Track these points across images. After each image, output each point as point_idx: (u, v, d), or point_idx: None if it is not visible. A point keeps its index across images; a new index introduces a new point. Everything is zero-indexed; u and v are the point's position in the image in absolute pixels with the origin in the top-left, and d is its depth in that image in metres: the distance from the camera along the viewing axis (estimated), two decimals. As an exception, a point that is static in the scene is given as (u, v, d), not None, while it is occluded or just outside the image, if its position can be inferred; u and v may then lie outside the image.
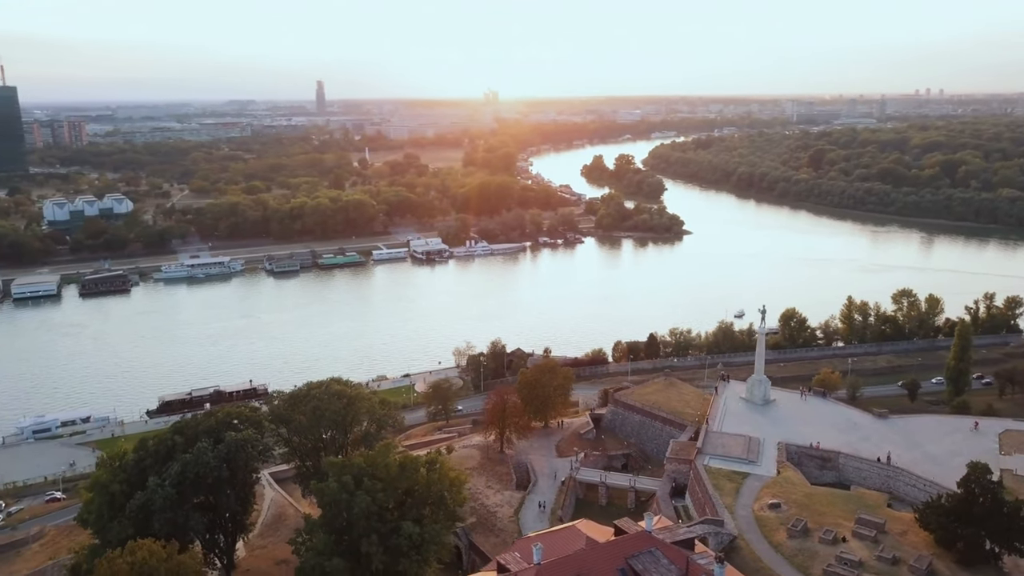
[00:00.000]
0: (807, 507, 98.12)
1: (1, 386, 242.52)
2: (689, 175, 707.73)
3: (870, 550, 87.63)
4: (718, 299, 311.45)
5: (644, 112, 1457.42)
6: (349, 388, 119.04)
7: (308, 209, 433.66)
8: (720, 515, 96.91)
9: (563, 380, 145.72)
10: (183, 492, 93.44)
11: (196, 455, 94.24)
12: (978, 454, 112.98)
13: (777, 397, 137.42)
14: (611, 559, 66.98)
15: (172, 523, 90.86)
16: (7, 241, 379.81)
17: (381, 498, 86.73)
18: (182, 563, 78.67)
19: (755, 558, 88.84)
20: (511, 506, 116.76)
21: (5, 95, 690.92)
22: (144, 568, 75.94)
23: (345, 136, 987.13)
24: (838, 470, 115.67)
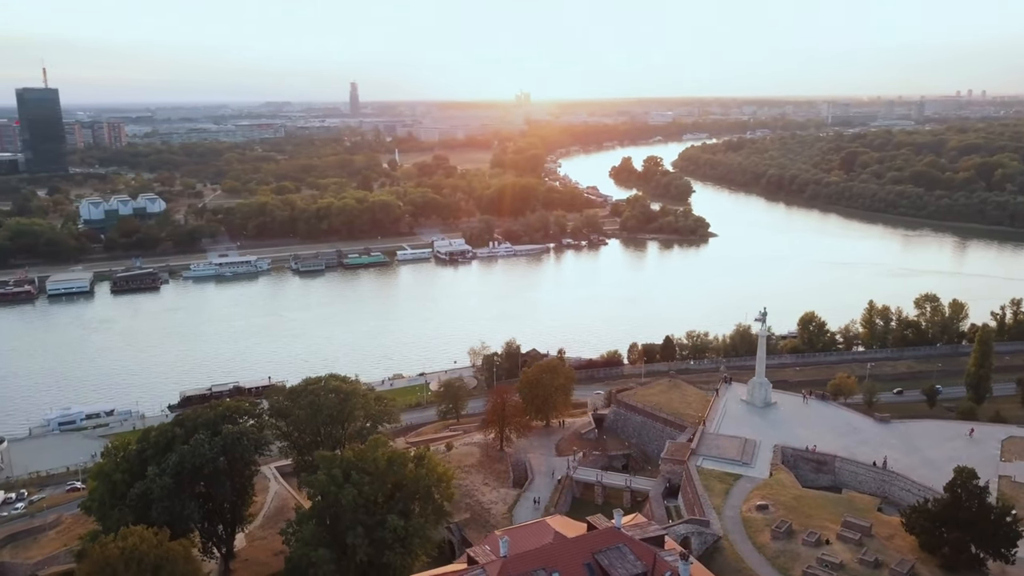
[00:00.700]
0: (795, 509, 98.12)
1: (32, 379, 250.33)
2: (718, 177, 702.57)
3: (853, 553, 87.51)
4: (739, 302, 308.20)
5: (676, 114, 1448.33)
6: (346, 384, 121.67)
7: (335, 209, 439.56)
8: (707, 515, 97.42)
9: (565, 380, 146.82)
10: (181, 482, 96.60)
11: (194, 446, 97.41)
12: (978, 460, 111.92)
13: (778, 400, 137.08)
14: (578, 554, 68.22)
15: (169, 512, 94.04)
16: (44, 239, 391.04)
17: (368, 491, 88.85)
18: (171, 549, 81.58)
19: (737, 558, 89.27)
20: (506, 503, 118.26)
21: (47, 97, 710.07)
22: (134, 553, 79.00)
23: (376, 137, 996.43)
24: (834, 474, 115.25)
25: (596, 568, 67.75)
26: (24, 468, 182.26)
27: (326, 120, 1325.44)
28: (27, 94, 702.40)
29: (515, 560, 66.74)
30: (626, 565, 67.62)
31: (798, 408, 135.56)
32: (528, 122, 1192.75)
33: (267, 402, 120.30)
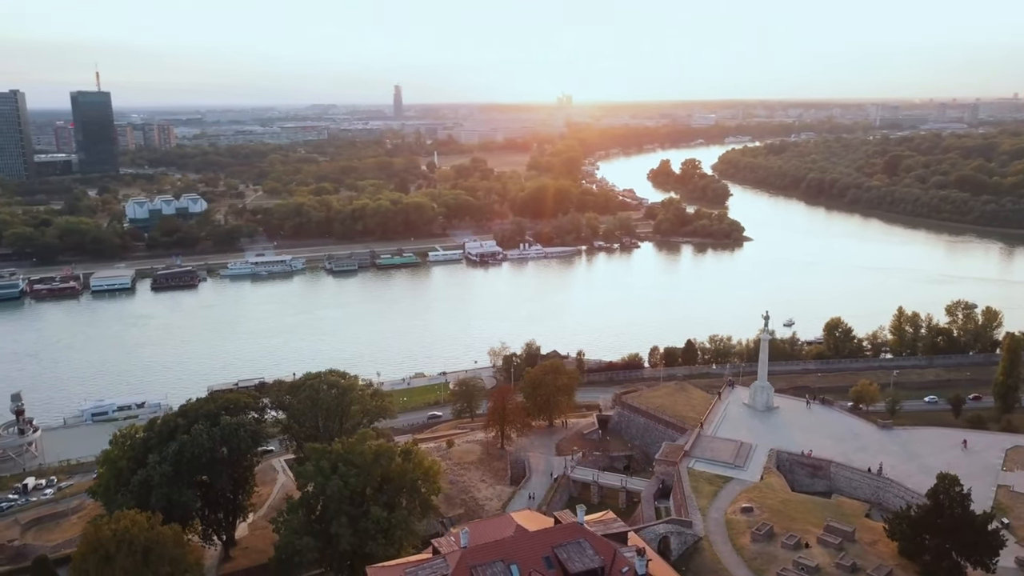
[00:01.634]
0: (780, 513, 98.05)
1: (72, 371, 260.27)
2: (758, 181, 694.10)
3: (831, 557, 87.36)
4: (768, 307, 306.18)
5: (719, 116, 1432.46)
6: (343, 380, 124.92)
7: (369, 211, 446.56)
8: (690, 516, 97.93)
9: (568, 380, 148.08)
10: (179, 470, 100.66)
11: (192, 436, 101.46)
12: (979, 468, 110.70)
13: (781, 404, 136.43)
14: (538, 547, 69.89)
15: (167, 498, 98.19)
16: (90, 237, 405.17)
17: (354, 483, 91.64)
18: (161, 533, 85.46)
19: (715, 559, 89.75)
20: (500, 500, 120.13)
21: (100, 100, 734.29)
22: (126, 536, 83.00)
23: (417, 140, 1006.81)
24: (829, 479, 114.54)
25: (554, 561, 69.34)
26: (56, 456, 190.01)
27: (369, 122, 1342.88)
28: (81, 97, 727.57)
29: (475, 551, 68.69)
30: (584, 559, 69.05)
31: (800, 413, 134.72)
32: (568, 125, 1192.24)
33: (269, 395, 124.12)
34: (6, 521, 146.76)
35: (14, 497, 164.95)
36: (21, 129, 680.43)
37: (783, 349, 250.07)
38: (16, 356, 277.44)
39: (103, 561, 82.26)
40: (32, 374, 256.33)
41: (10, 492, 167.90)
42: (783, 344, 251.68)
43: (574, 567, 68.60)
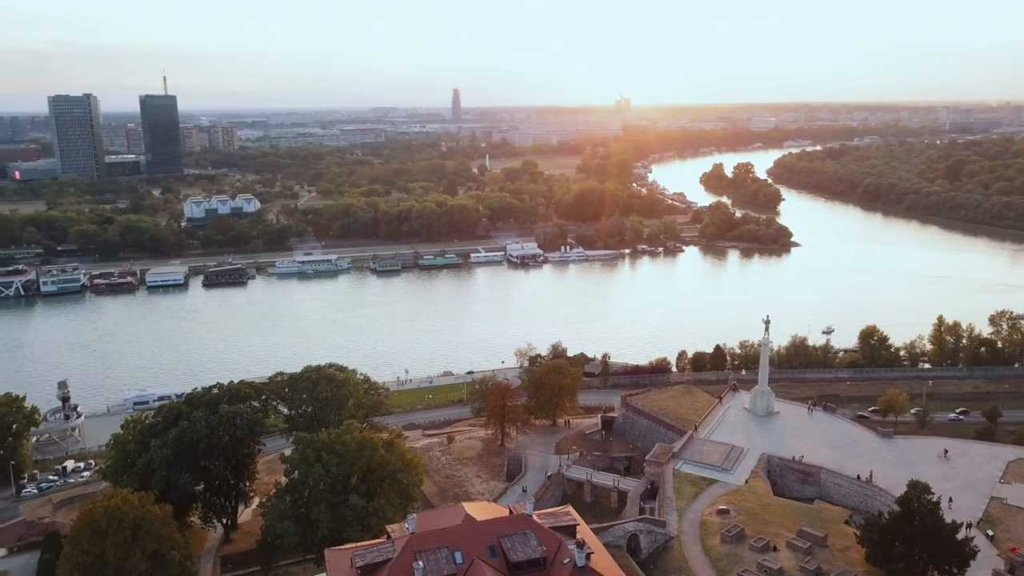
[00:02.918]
0: (757, 516, 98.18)
1: (119, 362, 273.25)
2: (813, 186, 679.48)
3: (797, 560, 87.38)
4: (808, 313, 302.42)
5: (780, 120, 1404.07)
6: (341, 373, 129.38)
7: (415, 212, 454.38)
8: (665, 516, 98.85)
9: (571, 381, 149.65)
10: (179, 454, 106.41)
11: (192, 423, 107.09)
12: (976, 479, 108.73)
13: (782, 410, 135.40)
14: (484, 536, 72.40)
15: (166, 480, 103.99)
16: (148, 235, 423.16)
17: (335, 472, 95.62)
18: (150, 512, 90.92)
19: (682, 558, 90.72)
20: (492, 495, 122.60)
21: (166, 103, 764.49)
22: (116, 513, 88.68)
23: (471, 143, 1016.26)
24: (819, 485, 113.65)
25: (499, 550, 71.69)
26: (97, 441, 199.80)
27: (427, 125, 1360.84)
28: (149, 101, 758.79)
29: (422, 537, 71.62)
30: (527, 549, 71.25)
31: (800, 419, 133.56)
32: (625, 127, 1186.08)
33: (271, 387, 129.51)
34: (41, 500, 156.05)
35: (54, 478, 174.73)
36: (93, 131, 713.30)
37: (816, 357, 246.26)
38: (71, 346, 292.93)
39: (96, 536, 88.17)
40: (84, 363, 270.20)
41: (50, 474, 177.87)
42: (816, 351, 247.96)
43: (515, 556, 70.79)
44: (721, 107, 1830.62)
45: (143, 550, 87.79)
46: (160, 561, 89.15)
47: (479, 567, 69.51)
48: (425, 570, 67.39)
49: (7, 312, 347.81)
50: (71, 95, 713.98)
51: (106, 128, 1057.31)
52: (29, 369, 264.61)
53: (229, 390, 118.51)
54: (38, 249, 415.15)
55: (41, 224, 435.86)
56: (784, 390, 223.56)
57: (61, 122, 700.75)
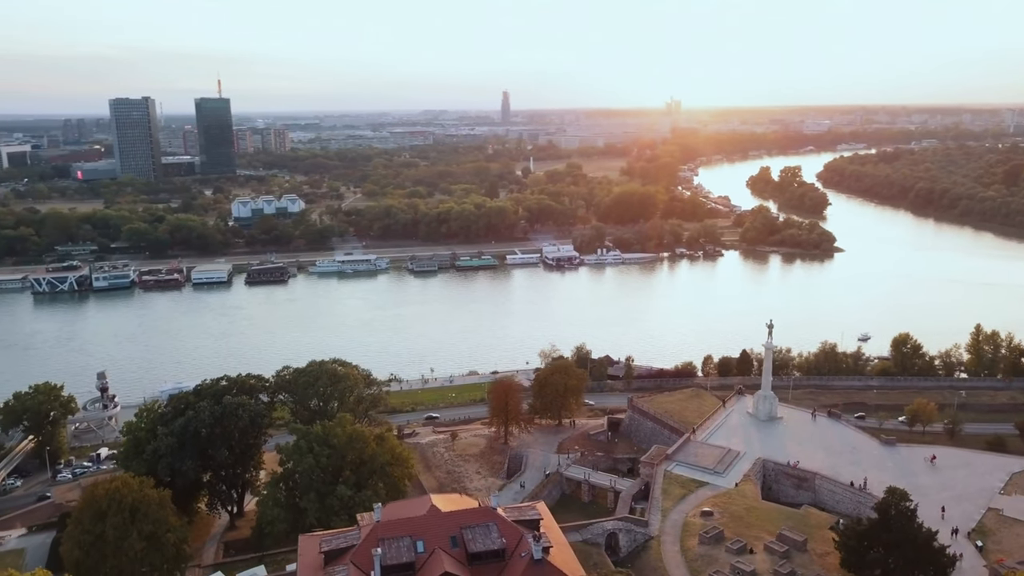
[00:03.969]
0: (740, 519, 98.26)
1: (161, 355, 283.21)
2: (863, 190, 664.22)
3: (772, 564, 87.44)
4: (845, 320, 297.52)
5: (835, 123, 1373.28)
6: (342, 368, 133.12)
7: (453, 214, 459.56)
8: (649, 516, 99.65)
9: (576, 381, 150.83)
10: (184, 442, 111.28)
11: (197, 412, 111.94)
12: (975, 490, 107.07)
13: (786, 415, 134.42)
14: (447, 526, 74.66)
15: (171, 467, 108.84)
16: (195, 234, 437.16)
17: (325, 463, 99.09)
18: (147, 496, 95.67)
19: (658, 558, 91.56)
20: (489, 491, 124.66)
21: (220, 106, 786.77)
22: (116, 496, 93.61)
23: (517, 146, 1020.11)
24: (814, 491, 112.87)
25: (460, 540, 73.83)
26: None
27: (475, 128, 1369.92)
28: (203, 103, 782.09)
29: (386, 525, 74.24)
30: (487, 541, 73.23)
31: (803, 424, 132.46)
32: (673, 130, 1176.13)
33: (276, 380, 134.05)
34: (71, 484, 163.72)
35: (88, 465, 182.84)
36: (151, 133, 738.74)
37: (846, 364, 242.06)
38: (117, 339, 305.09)
39: (97, 516, 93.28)
40: (127, 356, 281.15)
41: (85, 460, 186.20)
42: (846, 359, 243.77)
43: (475, 547, 72.78)
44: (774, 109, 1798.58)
45: (140, 531, 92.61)
46: (156, 543, 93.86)
47: (439, 556, 71.77)
48: (384, 557, 69.97)
49: (61, 306, 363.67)
50: (130, 98, 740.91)
51: (166, 130, 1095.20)
52: (76, 360, 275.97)
53: (236, 382, 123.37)
54: (93, 246, 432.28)
55: (96, 222, 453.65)
56: (810, 397, 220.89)
57: (120, 124, 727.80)
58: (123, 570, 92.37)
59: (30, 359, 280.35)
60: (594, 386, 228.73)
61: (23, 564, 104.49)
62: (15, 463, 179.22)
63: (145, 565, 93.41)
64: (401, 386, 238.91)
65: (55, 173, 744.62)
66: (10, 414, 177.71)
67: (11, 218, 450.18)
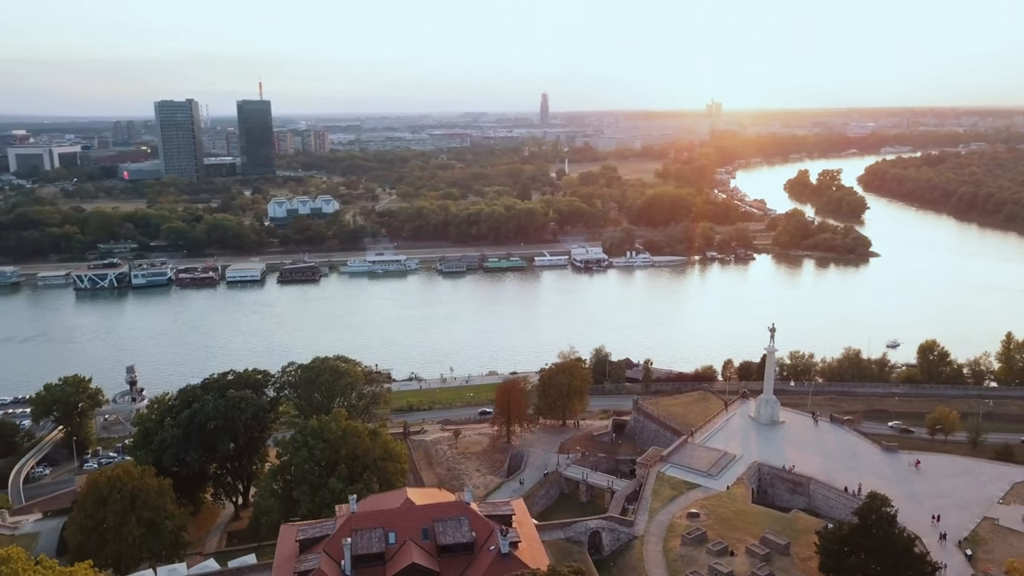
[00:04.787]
0: (726, 521, 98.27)
1: (192, 351, 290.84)
2: (905, 194, 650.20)
3: (751, 566, 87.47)
4: (875, 326, 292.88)
5: (879, 125, 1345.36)
6: (344, 365, 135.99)
7: (483, 216, 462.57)
8: (636, 517, 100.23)
9: (581, 382, 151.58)
10: (189, 434, 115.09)
11: (202, 405, 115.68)
12: (973, 499, 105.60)
13: (788, 419, 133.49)
14: (420, 519, 76.54)
15: (175, 457, 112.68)
16: (231, 233, 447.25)
17: (319, 456, 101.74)
18: (146, 484, 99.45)
19: (639, 557, 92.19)
20: (487, 488, 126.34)
21: (261, 108, 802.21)
22: (116, 483, 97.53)
23: (553, 147, 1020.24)
24: (808, 496, 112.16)
25: (431, 533, 75.61)
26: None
27: (513, 130, 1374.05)
28: (245, 106, 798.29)
29: (361, 516, 76.40)
30: (456, 534, 74.92)
31: (804, 429, 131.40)
32: (713, 133, 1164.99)
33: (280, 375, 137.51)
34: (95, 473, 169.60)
35: (113, 455, 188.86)
36: (194, 134, 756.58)
37: (870, 370, 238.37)
38: (152, 334, 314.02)
39: (98, 503, 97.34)
40: (160, 350, 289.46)
41: (111, 451, 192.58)
42: (871, 365, 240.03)
43: (444, 540, 74.52)
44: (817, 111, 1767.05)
45: (139, 518, 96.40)
46: (153, 529, 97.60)
47: (409, 547, 73.64)
48: (355, 547, 72.07)
49: (101, 301, 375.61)
50: (174, 101, 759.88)
51: (211, 132, 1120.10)
52: (111, 354, 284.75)
53: (243, 376, 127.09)
54: (133, 244, 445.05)
55: (137, 221, 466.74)
56: (831, 403, 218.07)
57: (165, 126, 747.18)
58: (122, 554, 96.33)
59: (69, 352, 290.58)
60: (611, 388, 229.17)
61: (35, 547, 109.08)
62: (44, 452, 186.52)
63: (144, 550, 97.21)
64: (421, 385, 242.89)
65: (103, 173, 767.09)
66: (41, 404, 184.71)
67: (57, 216, 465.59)
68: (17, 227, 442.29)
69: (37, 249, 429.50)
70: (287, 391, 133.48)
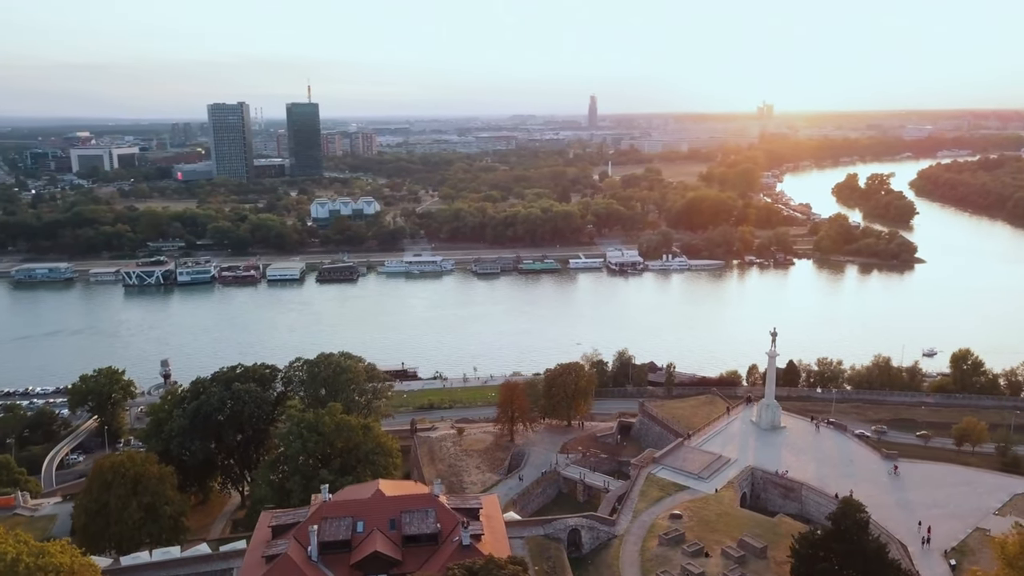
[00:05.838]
0: (707, 523, 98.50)
1: (227, 347, 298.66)
2: (958, 199, 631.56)
3: (724, 568, 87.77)
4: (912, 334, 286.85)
5: (937, 128, 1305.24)
6: (346, 361, 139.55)
7: (520, 218, 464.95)
8: (619, 516, 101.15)
9: (585, 383, 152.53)
10: (195, 424, 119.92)
11: (208, 396, 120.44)
12: (968, 509, 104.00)
13: (789, 425, 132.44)
14: (388, 510, 79.12)
15: (182, 446, 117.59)
16: (274, 233, 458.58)
17: (312, 448, 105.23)
18: (148, 470, 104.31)
19: (616, 556, 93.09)
20: (484, 485, 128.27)
21: (309, 110, 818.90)
22: (120, 468, 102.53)
23: (599, 150, 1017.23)
24: (800, 501, 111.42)
25: (398, 523, 78.03)
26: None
27: (560, 132, 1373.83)
28: (294, 108, 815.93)
29: (332, 506, 79.36)
30: (422, 525, 77.27)
31: (804, 435, 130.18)
32: (762, 135, 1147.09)
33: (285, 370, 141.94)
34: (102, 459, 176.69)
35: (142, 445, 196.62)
36: (244, 136, 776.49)
37: (900, 378, 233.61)
38: (191, 330, 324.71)
39: (103, 487, 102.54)
40: (199, 345, 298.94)
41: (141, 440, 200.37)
42: (901, 373, 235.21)
43: (409, 530, 76.90)
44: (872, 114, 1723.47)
45: (139, 502, 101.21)
46: (153, 514, 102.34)
47: (375, 536, 76.22)
48: (323, 533, 74.95)
49: (148, 298, 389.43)
50: (226, 103, 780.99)
51: (263, 134, 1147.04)
52: (152, 348, 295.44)
53: (250, 370, 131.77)
54: (181, 243, 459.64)
55: (185, 220, 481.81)
56: (857, 411, 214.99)
57: (217, 128, 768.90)
58: (123, 536, 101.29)
59: (113, 345, 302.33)
60: (633, 391, 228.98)
61: (52, 528, 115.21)
62: (79, 440, 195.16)
63: (144, 534, 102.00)
64: (444, 384, 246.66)
65: (158, 174, 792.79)
66: (76, 395, 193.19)
67: (111, 215, 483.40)
68: (73, 225, 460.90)
69: (91, 246, 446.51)
70: (294, 385, 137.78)
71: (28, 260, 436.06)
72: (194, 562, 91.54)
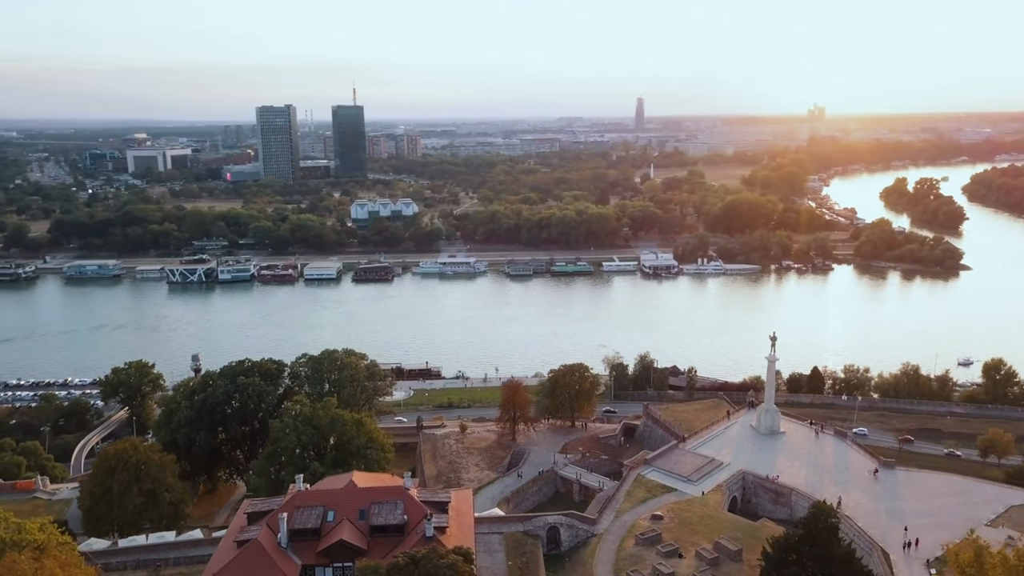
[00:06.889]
0: (687, 525, 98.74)
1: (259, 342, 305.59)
2: (1012, 205, 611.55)
3: (695, 569, 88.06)
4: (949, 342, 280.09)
5: (997, 131, 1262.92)
6: (349, 358, 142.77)
7: (554, 220, 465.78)
8: (601, 516, 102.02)
9: (588, 385, 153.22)
10: (200, 416, 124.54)
11: (213, 389, 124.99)
12: (959, 519, 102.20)
13: (788, 430, 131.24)
14: (359, 501, 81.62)
15: (188, 437, 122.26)
16: (313, 233, 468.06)
17: (306, 440, 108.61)
18: (149, 458, 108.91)
19: (591, 554, 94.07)
20: (480, 482, 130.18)
21: (354, 113, 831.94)
22: (123, 456, 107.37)
23: (643, 152, 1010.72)
24: (790, 506, 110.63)
25: (368, 514, 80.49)
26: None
27: (605, 135, 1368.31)
28: (339, 110, 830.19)
29: (305, 495, 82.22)
30: (390, 516, 79.59)
31: (802, 440, 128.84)
32: (811, 138, 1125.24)
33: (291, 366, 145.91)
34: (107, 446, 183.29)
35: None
36: (291, 138, 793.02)
37: (929, 388, 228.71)
38: (227, 326, 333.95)
39: (107, 473, 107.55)
40: (233, 340, 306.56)
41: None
42: (931, 382, 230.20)
43: (376, 520, 79.19)
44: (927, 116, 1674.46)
45: (140, 488, 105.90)
46: (153, 500, 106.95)
47: (343, 525, 78.79)
48: (293, 521, 77.80)
49: (191, 295, 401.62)
50: (274, 106, 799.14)
51: (311, 136, 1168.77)
52: (190, 343, 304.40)
53: (257, 365, 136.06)
54: (224, 242, 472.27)
55: (229, 220, 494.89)
56: (881, 420, 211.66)
57: (265, 130, 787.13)
58: (125, 520, 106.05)
59: (152, 339, 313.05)
60: (654, 395, 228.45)
61: (67, 511, 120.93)
62: (110, 429, 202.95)
63: (144, 519, 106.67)
64: (466, 383, 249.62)
65: (209, 175, 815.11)
66: (108, 387, 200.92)
67: (159, 215, 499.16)
68: (123, 224, 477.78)
69: (139, 245, 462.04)
70: (299, 380, 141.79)
71: (80, 257, 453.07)
72: (185, 546, 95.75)
